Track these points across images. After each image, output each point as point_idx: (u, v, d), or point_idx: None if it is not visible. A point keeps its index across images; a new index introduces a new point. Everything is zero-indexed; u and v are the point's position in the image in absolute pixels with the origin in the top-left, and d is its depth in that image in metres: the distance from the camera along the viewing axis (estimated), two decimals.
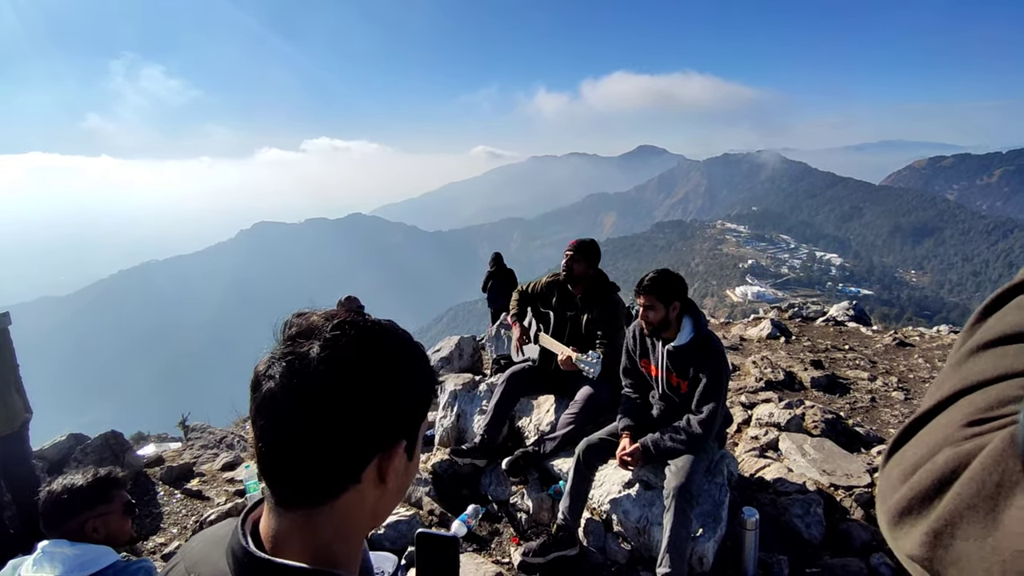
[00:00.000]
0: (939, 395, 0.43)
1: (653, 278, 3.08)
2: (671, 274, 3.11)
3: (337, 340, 0.68)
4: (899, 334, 7.87)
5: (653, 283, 3.06)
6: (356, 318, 0.73)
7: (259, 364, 0.70)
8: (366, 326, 0.71)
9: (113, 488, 2.16)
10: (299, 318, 0.73)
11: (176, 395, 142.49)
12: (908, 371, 6.26)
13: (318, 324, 0.71)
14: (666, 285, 3.06)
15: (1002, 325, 0.43)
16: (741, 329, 8.32)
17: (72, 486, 2.06)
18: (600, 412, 3.80)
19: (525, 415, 4.27)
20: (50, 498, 2.06)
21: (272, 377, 0.67)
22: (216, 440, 6.75)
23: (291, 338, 0.70)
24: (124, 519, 2.18)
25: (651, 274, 3.11)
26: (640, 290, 3.10)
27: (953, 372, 0.43)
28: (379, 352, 0.70)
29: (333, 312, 0.73)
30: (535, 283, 4.27)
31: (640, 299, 3.11)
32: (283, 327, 0.72)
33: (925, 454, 0.39)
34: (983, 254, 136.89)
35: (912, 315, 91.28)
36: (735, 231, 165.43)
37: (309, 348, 0.67)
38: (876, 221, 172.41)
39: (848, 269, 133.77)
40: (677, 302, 3.07)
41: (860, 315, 9.41)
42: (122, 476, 2.25)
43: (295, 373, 0.66)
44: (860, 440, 4.53)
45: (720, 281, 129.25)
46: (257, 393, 0.69)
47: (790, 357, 6.61)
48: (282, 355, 0.68)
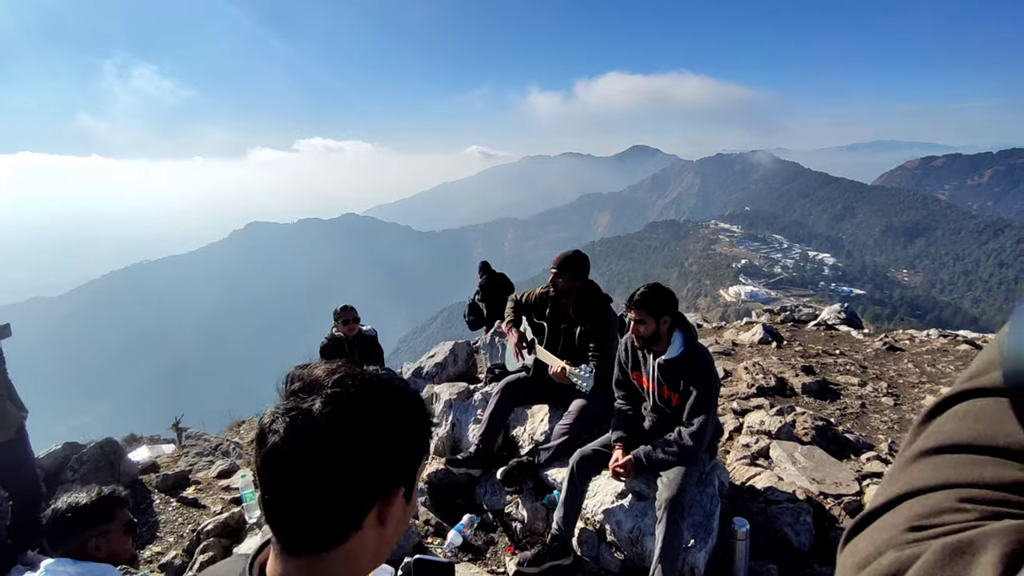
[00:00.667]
0: (888, 494, 0.46)
1: (644, 293, 3.12)
2: (662, 288, 3.16)
3: (338, 396, 0.71)
4: (889, 338, 7.95)
5: (644, 298, 3.11)
6: (355, 371, 0.75)
7: (264, 417, 0.73)
8: (365, 381, 0.74)
9: (116, 507, 2.23)
10: (302, 370, 0.76)
11: (169, 397, 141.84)
12: (898, 376, 6.34)
13: (320, 379, 0.73)
14: (656, 300, 3.10)
15: (941, 434, 0.47)
16: (733, 334, 8.39)
17: (76, 504, 2.13)
18: (594, 423, 3.85)
19: (519, 424, 4.32)
20: (54, 516, 2.12)
21: (276, 432, 0.70)
22: (211, 447, 6.76)
23: (294, 393, 0.73)
24: (125, 537, 2.26)
25: (642, 288, 3.16)
26: (631, 304, 3.15)
27: (900, 473, 0.47)
28: (378, 406, 0.73)
29: (334, 366, 0.75)
30: (530, 293, 4.31)
31: (631, 313, 3.15)
32: (286, 381, 0.75)
33: (873, 552, 0.43)
34: (974, 253, 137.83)
35: (904, 315, 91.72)
36: (728, 231, 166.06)
37: (312, 404, 0.70)
38: (868, 221, 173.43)
39: (841, 269, 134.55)
40: (668, 316, 3.11)
41: (851, 318, 9.49)
42: (124, 494, 2.32)
43: (298, 428, 0.69)
44: (850, 447, 4.59)
45: (714, 281, 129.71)
46: (263, 447, 0.71)
47: (782, 363, 6.68)
48: (286, 411, 0.71)
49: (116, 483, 5.38)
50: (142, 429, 9.09)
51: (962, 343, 7.54)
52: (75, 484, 5.18)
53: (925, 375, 6.33)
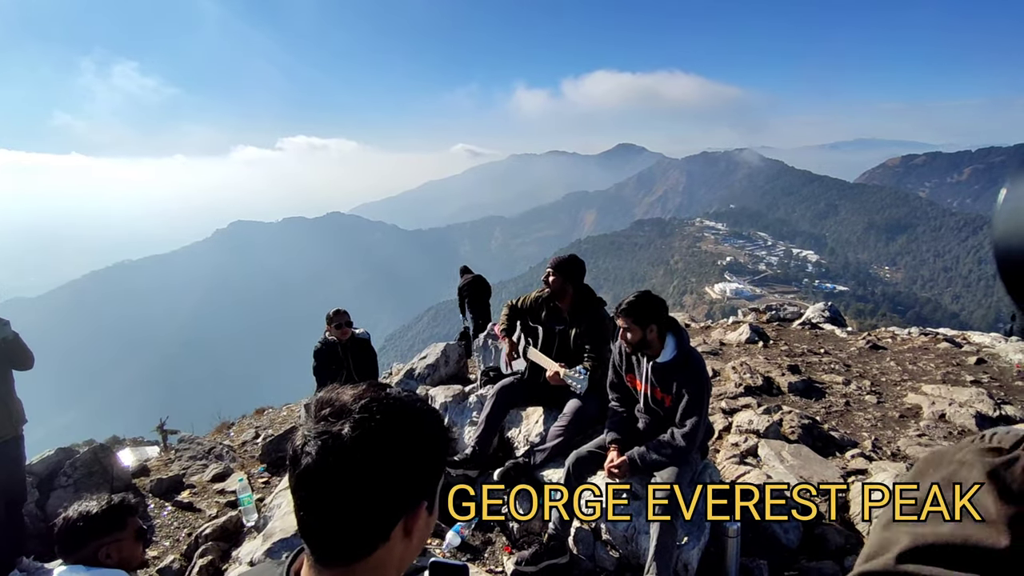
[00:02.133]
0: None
1: (631, 302, 3.23)
2: (649, 298, 3.26)
3: (366, 421, 0.77)
4: (872, 336, 8.14)
5: (630, 306, 3.22)
6: (380, 396, 0.81)
7: (295, 440, 0.79)
8: (390, 405, 0.80)
9: (127, 515, 2.26)
10: (331, 395, 0.82)
11: (152, 398, 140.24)
12: (880, 374, 6.50)
13: (347, 404, 0.79)
14: (641, 309, 3.21)
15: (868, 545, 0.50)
16: (721, 334, 8.53)
17: (87, 513, 2.16)
18: (588, 424, 3.94)
19: (515, 426, 4.40)
20: (65, 525, 2.15)
21: (309, 454, 0.76)
22: (204, 451, 6.78)
23: (324, 418, 0.79)
24: (136, 544, 2.29)
25: (630, 297, 3.27)
26: (617, 312, 3.27)
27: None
28: (403, 428, 0.79)
29: (360, 391, 0.82)
30: (525, 297, 4.38)
31: (619, 320, 3.27)
32: (316, 406, 0.81)
33: None
34: (954, 250, 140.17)
35: (886, 311, 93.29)
36: (713, 228, 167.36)
37: (341, 428, 0.76)
38: (851, 218, 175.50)
39: (824, 266, 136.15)
40: (653, 325, 3.21)
41: (835, 316, 9.69)
42: (134, 502, 2.39)
43: (329, 451, 0.75)
44: (835, 444, 4.72)
45: (699, 278, 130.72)
46: (296, 468, 0.78)
47: (768, 362, 6.81)
48: (317, 434, 0.77)
49: (110, 488, 5.39)
50: (124, 431, 9.04)
51: (942, 341, 7.73)
52: (69, 490, 5.18)
53: (907, 373, 6.50)
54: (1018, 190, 0.41)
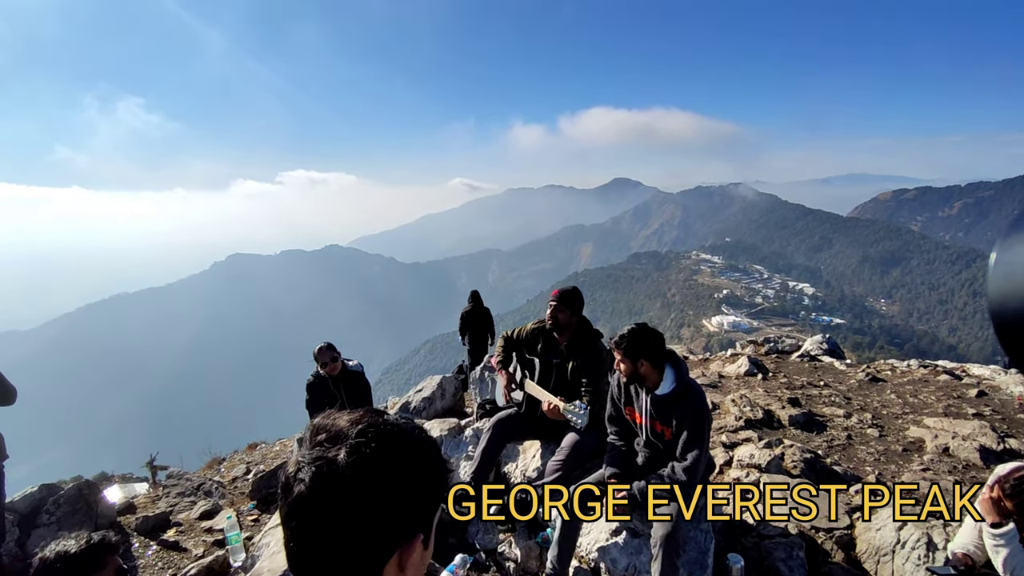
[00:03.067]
0: None
1: (623, 335, 3.18)
2: (643, 331, 3.18)
3: (362, 447, 0.73)
4: (871, 368, 8.07)
5: (621, 339, 3.16)
6: (378, 421, 0.77)
7: (288, 466, 0.75)
8: (387, 431, 0.77)
9: (107, 554, 2.19)
10: (326, 421, 0.79)
11: (143, 433, 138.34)
12: (881, 407, 6.42)
13: (344, 429, 0.76)
14: (633, 343, 3.14)
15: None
16: (720, 366, 8.46)
17: (65, 553, 2.07)
18: (587, 459, 3.85)
19: (511, 461, 4.30)
20: (43, 565, 2.06)
21: (302, 481, 0.72)
22: (193, 487, 6.60)
23: (319, 443, 0.75)
24: None
25: (624, 330, 3.21)
26: (612, 344, 3.23)
27: None
28: (400, 456, 0.75)
29: (357, 417, 0.78)
30: (520, 329, 4.32)
31: (614, 352, 3.23)
32: (311, 431, 0.77)
33: None
34: (948, 283, 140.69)
35: (884, 343, 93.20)
36: (710, 261, 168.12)
37: (336, 454, 0.72)
38: (845, 251, 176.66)
39: (820, 298, 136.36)
40: (644, 360, 3.14)
41: (833, 349, 9.63)
42: (115, 540, 2.27)
43: (324, 478, 0.71)
44: (838, 479, 4.62)
45: (696, 311, 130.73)
46: (288, 496, 0.73)
47: (768, 395, 6.73)
48: (311, 460, 0.73)
49: (93, 525, 5.22)
50: (114, 467, 8.85)
51: (942, 373, 7.67)
52: (51, 528, 5.02)
53: (908, 406, 6.42)
54: (1007, 253, 0.42)
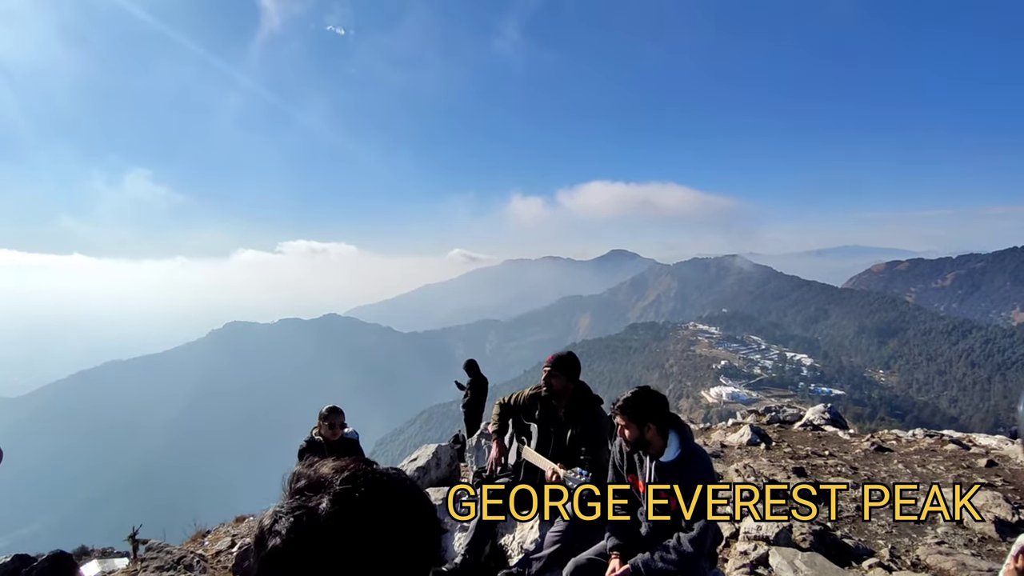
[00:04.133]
0: None
1: (627, 398, 3.08)
2: (648, 394, 3.10)
3: (348, 495, 0.64)
4: (876, 438, 7.91)
5: (626, 403, 3.06)
6: (366, 470, 0.68)
7: (264, 517, 0.66)
8: (377, 480, 0.67)
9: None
10: (308, 469, 0.70)
11: (131, 504, 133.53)
12: (889, 477, 6.25)
13: (328, 477, 0.66)
14: (638, 406, 3.04)
15: None
16: (721, 435, 8.30)
17: None
18: (588, 530, 3.69)
19: (508, 532, 4.13)
20: None
21: (278, 533, 0.63)
22: (174, 560, 6.28)
23: (299, 491, 0.66)
24: None
25: (627, 394, 3.11)
26: (614, 409, 3.12)
27: None
28: (390, 508, 0.66)
29: (343, 464, 0.69)
30: (518, 395, 4.25)
31: (617, 418, 3.12)
32: (291, 479, 0.68)
33: None
34: (946, 354, 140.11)
35: (885, 415, 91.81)
36: (707, 332, 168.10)
37: (318, 503, 0.64)
38: (841, 322, 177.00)
39: (819, 369, 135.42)
40: (652, 423, 3.05)
41: (836, 418, 9.47)
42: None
43: (303, 529, 0.63)
44: (850, 553, 4.43)
45: (695, 382, 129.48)
46: (262, 550, 0.64)
47: (772, 464, 6.56)
48: (290, 510, 0.64)
49: None
50: (95, 541, 8.48)
51: (948, 443, 7.51)
52: None
53: (917, 476, 6.25)
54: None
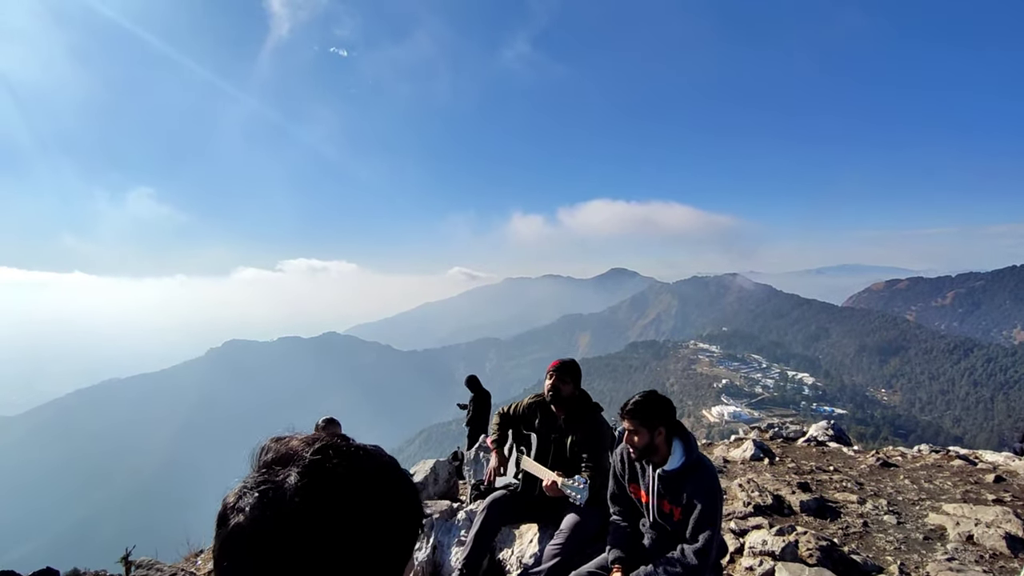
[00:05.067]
0: None
1: (637, 401, 2.97)
2: (657, 397, 3.01)
3: (318, 467, 0.59)
4: (881, 454, 7.79)
5: (637, 407, 2.95)
6: (339, 443, 0.63)
7: (228, 495, 0.60)
8: (351, 452, 0.62)
9: None
10: (277, 443, 0.64)
11: (127, 523, 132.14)
12: (896, 493, 6.12)
13: (297, 449, 0.61)
14: (650, 409, 2.95)
15: None
16: (724, 450, 8.17)
17: None
18: (588, 542, 3.58)
19: (507, 546, 4.01)
20: None
21: (242, 510, 0.58)
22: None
23: (267, 465, 0.61)
24: None
25: (636, 397, 3.01)
26: (623, 414, 3.00)
27: None
28: (365, 483, 0.60)
29: (315, 436, 0.63)
30: (517, 404, 4.17)
31: (625, 423, 3.01)
32: (258, 453, 0.63)
33: None
34: (948, 372, 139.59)
35: (888, 434, 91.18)
36: (708, 351, 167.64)
37: (286, 476, 0.59)
38: (842, 341, 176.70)
39: (820, 388, 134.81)
40: (662, 427, 2.96)
41: (840, 435, 9.34)
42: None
43: (269, 505, 0.57)
44: (858, 569, 4.30)
45: (696, 401, 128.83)
46: (223, 528, 0.59)
47: (776, 479, 6.43)
48: (255, 484, 0.59)
49: None
50: (89, 562, 8.31)
51: (955, 459, 7.39)
52: None
53: (924, 492, 6.12)
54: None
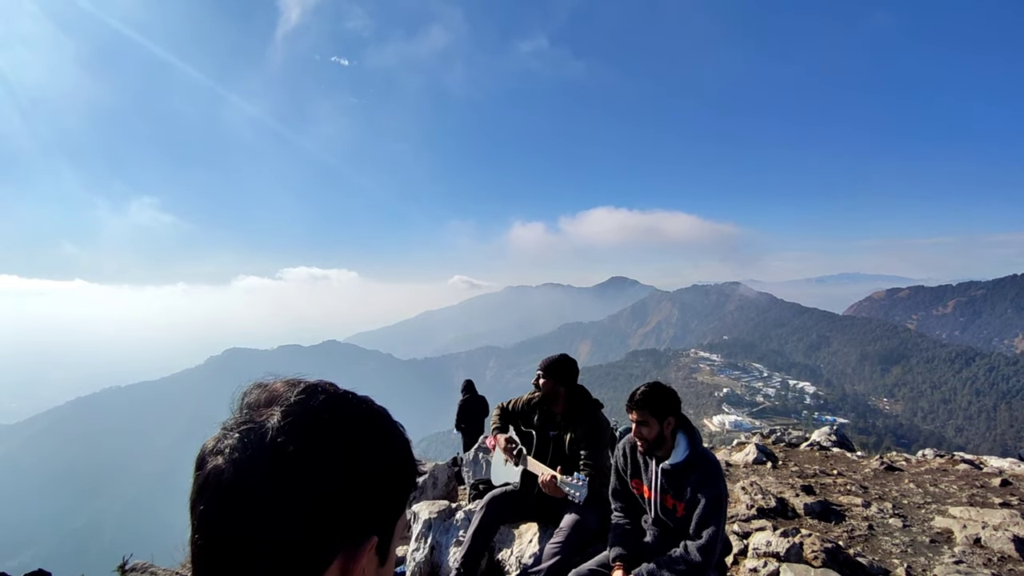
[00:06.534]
0: None
1: (645, 391, 2.89)
2: (664, 387, 2.93)
3: (303, 406, 0.57)
4: (885, 458, 7.70)
5: (645, 397, 2.87)
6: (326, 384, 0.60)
7: (208, 440, 0.58)
8: (338, 394, 0.59)
9: None
10: (259, 387, 0.62)
11: (125, 533, 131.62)
12: (901, 496, 6.03)
13: (281, 391, 0.59)
14: (660, 399, 2.87)
15: None
16: (726, 454, 8.09)
17: None
18: (589, 540, 3.50)
19: (506, 546, 3.93)
20: None
21: (221, 452, 0.55)
22: None
23: (248, 406, 0.59)
24: None
25: (643, 387, 2.93)
26: (632, 405, 2.91)
27: None
28: (354, 425, 0.57)
29: (297, 380, 0.61)
30: (516, 400, 4.11)
31: (632, 414, 2.92)
32: (240, 397, 0.60)
33: None
34: (950, 381, 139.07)
35: (891, 444, 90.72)
36: (708, 359, 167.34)
37: (268, 417, 0.57)
38: (843, 349, 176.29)
39: (822, 397, 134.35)
40: (672, 417, 2.89)
41: (843, 440, 9.27)
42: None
43: (250, 446, 0.55)
44: (864, 572, 4.22)
45: (697, 410, 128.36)
46: (200, 472, 0.56)
47: (779, 483, 6.35)
48: (236, 425, 0.56)
49: None
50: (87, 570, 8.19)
51: (960, 463, 7.30)
52: None
53: (929, 495, 6.04)
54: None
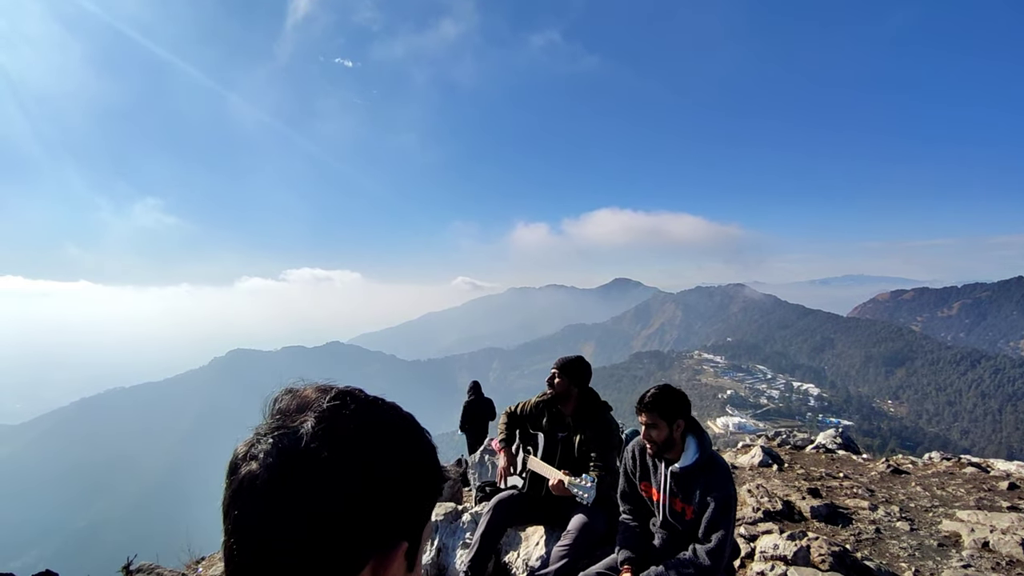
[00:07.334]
0: None
1: (655, 394, 2.90)
2: (674, 390, 2.94)
3: (336, 413, 0.58)
4: (892, 461, 7.68)
5: (655, 400, 2.87)
6: (357, 391, 0.61)
7: (239, 446, 0.59)
8: (369, 401, 0.60)
9: None
10: (290, 393, 0.63)
11: (129, 533, 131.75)
12: (908, 500, 6.02)
13: (313, 397, 0.60)
14: (670, 401, 2.87)
15: None
16: (731, 457, 8.07)
17: None
18: (596, 543, 3.50)
19: (513, 548, 3.93)
20: None
21: (255, 457, 0.56)
22: None
23: (281, 412, 0.60)
24: None
25: (653, 390, 2.93)
26: (642, 407, 2.92)
27: None
28: (384, 432, 0.59)
29: (328, 386, 0.61)
30: (524, 403, 4.11)
31: (642, 417, 2.93)
32: (271, 403, 0.62)
33: None
34: (955, 384, 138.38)
35: (896, 446, 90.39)
36: (712, 361, 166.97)
37: (302, 423, 0.57)
38: (848, 351, 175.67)
39: (826, 399, 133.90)
40: (681, 420, 2.89)
41: (848, 443, 9.23)
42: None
43: (283, 452, 0.56)
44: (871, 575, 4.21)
45: (701, 412, 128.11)
46: (234, 477, 0.57)
47: (785, 485, 6.34)
48: (269, 430, 0.57)
49: None
50: (92, 570, 8.25)
51: (967, 466, 7.28)
52: None
53: (936, 498, 6.02)
54: None
